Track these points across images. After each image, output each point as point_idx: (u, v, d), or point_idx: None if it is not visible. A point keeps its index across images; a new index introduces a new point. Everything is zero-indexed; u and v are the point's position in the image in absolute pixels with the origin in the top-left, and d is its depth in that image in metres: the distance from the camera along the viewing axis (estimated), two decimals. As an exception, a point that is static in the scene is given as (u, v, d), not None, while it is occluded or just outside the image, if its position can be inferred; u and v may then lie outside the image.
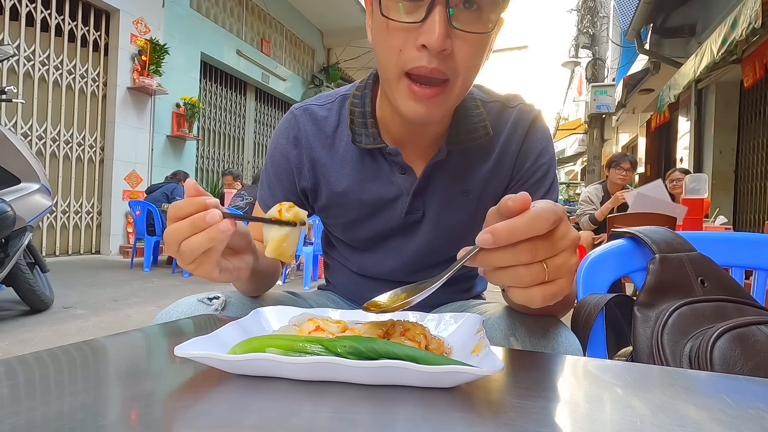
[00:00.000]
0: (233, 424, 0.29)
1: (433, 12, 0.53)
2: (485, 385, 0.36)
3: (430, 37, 0.52)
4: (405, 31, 0.55)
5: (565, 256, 0.38)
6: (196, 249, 0.44)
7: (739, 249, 0.80)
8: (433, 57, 0.54)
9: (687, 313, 0.62)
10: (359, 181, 0.73)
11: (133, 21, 5.84)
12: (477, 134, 0.70)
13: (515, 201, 0.36)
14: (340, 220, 0.78)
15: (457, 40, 0.55)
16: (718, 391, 0.38)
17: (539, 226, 0.36)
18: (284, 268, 4.50)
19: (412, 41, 0.55)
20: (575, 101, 16.37)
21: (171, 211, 0.45)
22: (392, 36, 0.56)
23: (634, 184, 5.04)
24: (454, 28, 0.54)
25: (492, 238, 0.35)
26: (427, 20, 0.53)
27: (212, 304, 0.64)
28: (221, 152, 7.94)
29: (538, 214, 0.36)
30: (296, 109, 0.77)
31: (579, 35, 11.55)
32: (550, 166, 0.72)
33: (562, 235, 0.38)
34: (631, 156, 3.66)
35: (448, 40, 0.54)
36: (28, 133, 4.98)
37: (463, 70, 0.57)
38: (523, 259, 0.36)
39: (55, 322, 2.62)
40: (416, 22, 0.54)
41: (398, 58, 0.56)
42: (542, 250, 0.37)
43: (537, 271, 0.37)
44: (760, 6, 3.21)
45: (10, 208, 2.31)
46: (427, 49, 0.54)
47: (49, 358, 0.41)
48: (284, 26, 8.87)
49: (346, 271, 0.86)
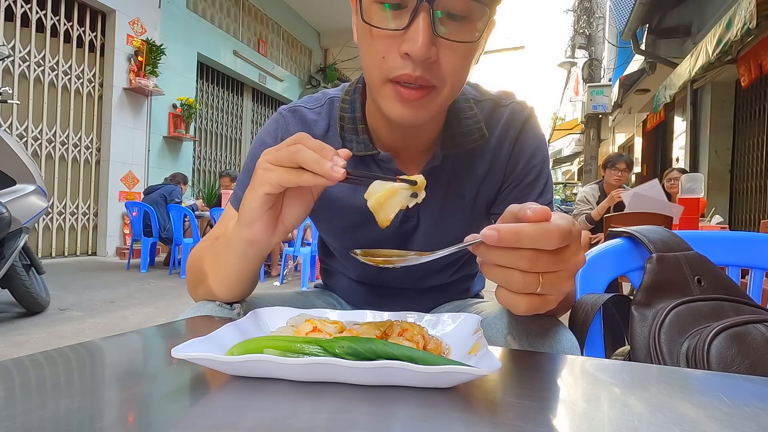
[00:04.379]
0: (231, 425, 0.28)
1: (417, 19, 0.50)
2: (483, 385, 0.36)
3: (414, 45, 0.50)
4: (388, 38, 0.53)
5: (563, 276, 0.38)
6: (308, 164, 0.45)
7: (735, 248, 0.80)
8: (417, 65, 0.52)
9: (684, 312, 0.62)
10: (351, 187, 0.69)
11: (129, 22, 5.82)
12: (472, 137, 0.68)
13: (535, 212, 0.35)
14: (332, 226, 0.76)
15: (442, 48, 0.53)
16: (715, 389, 0.38)
17: (545, 241, 0.35)
18: (282, 268, 4.51)
19: (396, 48, 0.52)
20: (572, 101, 16.42)
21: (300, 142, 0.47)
22: (375, 42, 0.54)
23: (630, 184, 5.06)
24: (439, 36, 0.51)
25: (496, 237, 0.35)
26: (410, 28, 0.51)
27: (234, 309, 0.63)
28: (218, 153, 7.92)
29: (550, 230, 0.35)
30: (285, 111, 0.74)
31: (575, 36, 11.60)
32: (542, 167, 0.71)
33: (568, 257, 0.37)
34: (627, 156, 3.67)
35: (432, 48, 0.51)
36: (23, 134, 4.95)
37: (450, 78, 0.55)
38: (521, 265, 0.36)
39: (51, 324, 2.61)
40: (399, 30, 0.51)
41: (382, 64, 0.54)
42: (543, 263, 0.36)
43: (531, 281, 0.37)
44: (755, 6, 3.23)
45: (6, 210, 2.30)
46: (411, 58, 0.51)
47: (45, 361, 0.41)
48: (281, 26, 8.86)
49: (345, 279, 0.85)
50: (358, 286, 0.83)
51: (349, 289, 0.86)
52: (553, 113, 21.26)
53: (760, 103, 5.20)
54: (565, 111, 20.43)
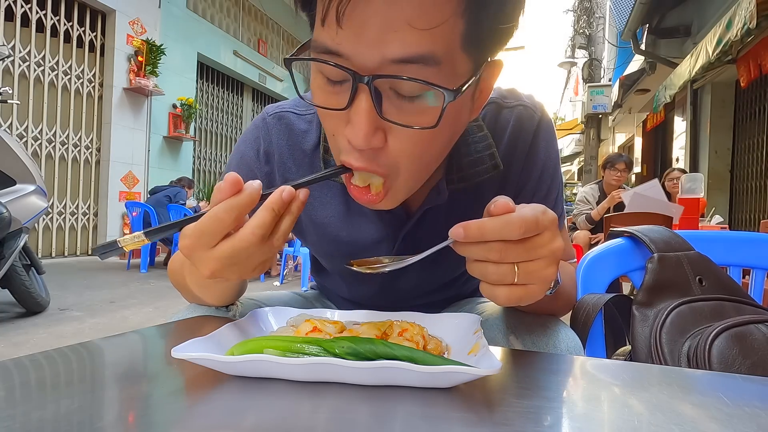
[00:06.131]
0: (231, 425, 0.28)
1: (358, 100, 0.40)
2: (483, 385, 0.36)
3: (352, 133, 0.41)
4: (334, 117, 0.44)
5: (541, 264, 0.39)
6: (286, 237, 0.40)
7: (736, 248, 0.80)
8: (360, 155, 0.43)
9: (685, 312, 0.62)
10: (340, 213, 0.62)
11: (129, 22, 5.82)
12: (483, 166, 0.58)
13: (497, 206, 0.37)
14: (319, 249, 0.70)
15: (393, 131, 0.42)
16: (716, 389, 0.38)
17: (508, 232, 0.36)
18: (282, 269, 4.51)
19: (342, 128, 0.43)
20: (572, 101, 16.41)
21: (227, 218, 0.37)
22: (324, 118, 0.46)
23: (630, 184, 5.06)
24: (387, 121, 0.41)
25: (463, 233, 0.37)
26: (351, 109, 0.41)
27: (230, 310, 0.61)
28: (218, 153, 7.93)
29: (510, 220, 0.37)
30: (269, 116, 0.63)
31: (575, 36, 11.60)
32: (554, 177, 0.63)
33: (541, 244, 0.38)
34: (626, 157, 3.67)
35: (378, 133, 0.41)
36: (23, 134, 4.95)
37: (406, 164, 0.45)
38: (491, 257, 0.37)
39: (51, 324, 2.61)
40: (341, 110, 0.42)
41: (334, 143, 0.46)
42: (513, 253, 0.37)
43: (504, 272, 0.38)
44: (755, 6, 3.22)
45: (6, 210, 2.30)
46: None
47: (45, 361, 0.41)
48: (281, 26, 8.86)
49: (338, 298, 0.82)
50: (354, 306, 0.78)
51: (343, 308, 0.82)
52: (553, 113, 21.26)
53: (759, 103, 5.20)
54: (565, 111, 20.44)
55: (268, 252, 0.40)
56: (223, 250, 0.38)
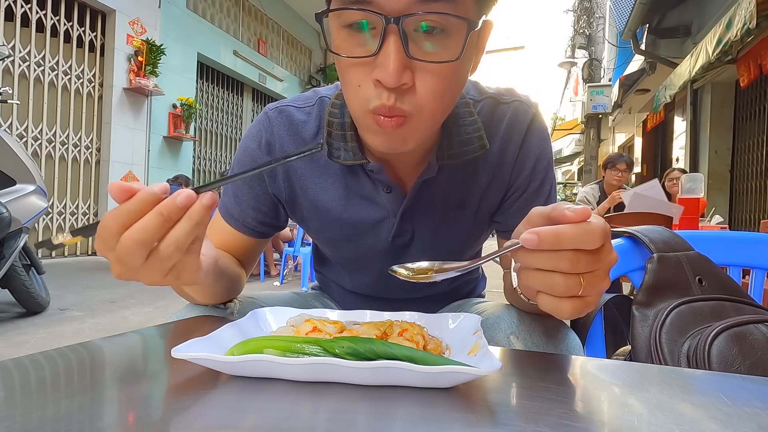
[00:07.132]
0: (231, 425, 0.28)
1: (387, 42, 0.44)
2: (483, 385, 0.36)
3: (384, 72, 0.45)
4: (361, 65, 0.48)
5: (601, 275, 0.37)
6: (183, 244, 0.37)
7: (736, 248, 0.80)
8: (390, 93, 0.47)
9: (685, 312, 0.62)
10: (341, 197, 0.66)
11: (129, 22, 5.82)
12: (471, 146, 0.62)
13: (576, 212, 0.35)
14: (322, 236, 0.72)
15: (419, 71, 0.47)
16: (715, 389, 0.38)
17: (588, 241, 0.35)
18: (282, 268, 4.51)
19: (369, 76, 0.47)
20: (572, 101, 16.41)
21: (112, 224, 0.36)
22: (349, 72, 0.49)
23: (630, 184, 5.06)
24: (414, 59, 0.46)
25: (537, 240, 0.34)
26: (380, 53, 0.45)
27: (227, 308, 0.62)
28: (218, 153, 7.92)
29: (592, 229, 0.35)
30: (270, 111, 0.68)
31: (575, 36, 11.60)
32: (548, 170, 0.67)
33: (605, 255, 0.37)
34: (627, 157, 3.67)
35: (406, 72, 0.46)
36: (23, 134, 4.95)
37: (429, 104, 0.49)
38: (563, 267, 0.35)
39: (51, 324, 2.61)
40: (369, 56, 0.46)
41: (357, 94, 0.49)
42: (584, 263, 0.35)
43: (573, 283, 0.36)
44: (755, 6, 3.22)
45: (6, 210, 2.30)
46: (383, 85, 0.46)
47: (45, 361, 0.41)
48: (281, 26, 8.86)
49: (341, 289, 0.82)
50: (355, 297, 0.80)
51: (344, 300, 0.84)
52: (553, 113, 21.26)
53: (759, 103, 5.20)
54: (565, 111, 20.43)
55: (167, 259, 0.37)
56: (113, 255, 0.37)
